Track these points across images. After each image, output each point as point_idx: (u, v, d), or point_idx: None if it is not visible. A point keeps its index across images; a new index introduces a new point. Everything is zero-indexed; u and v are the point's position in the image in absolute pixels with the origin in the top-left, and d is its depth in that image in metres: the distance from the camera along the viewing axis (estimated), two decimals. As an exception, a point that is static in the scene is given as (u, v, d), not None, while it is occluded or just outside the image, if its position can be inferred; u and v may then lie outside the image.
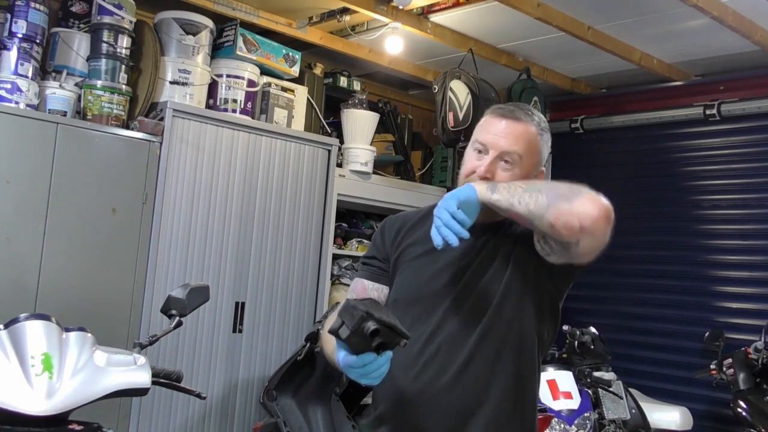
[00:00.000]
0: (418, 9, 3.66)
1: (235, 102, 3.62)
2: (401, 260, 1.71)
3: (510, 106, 1.67)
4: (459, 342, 1.57)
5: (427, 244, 1.65)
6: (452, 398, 1.55)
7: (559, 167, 5.13)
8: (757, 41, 3.69)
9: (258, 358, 3.59)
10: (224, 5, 3.52)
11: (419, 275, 1.66)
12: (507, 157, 1.60)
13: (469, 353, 1.56)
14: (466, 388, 1.55)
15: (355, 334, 1.31)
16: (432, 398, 1.56)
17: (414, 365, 1.58)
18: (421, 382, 1.57)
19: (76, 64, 3.27)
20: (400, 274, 1.70)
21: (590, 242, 1.45)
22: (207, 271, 3.42)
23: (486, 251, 1.63)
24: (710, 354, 4.01)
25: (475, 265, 1.61)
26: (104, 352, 1.72)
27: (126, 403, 3.07)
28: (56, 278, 2.93)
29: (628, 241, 4.70)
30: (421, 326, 1.60)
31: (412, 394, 1.57)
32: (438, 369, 1.56)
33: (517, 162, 1.59)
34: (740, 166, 4.28)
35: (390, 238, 1.75)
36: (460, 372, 1.55)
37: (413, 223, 1.76)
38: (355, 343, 1.34)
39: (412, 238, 1.72)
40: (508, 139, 1.60)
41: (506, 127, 1.61)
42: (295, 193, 3.77)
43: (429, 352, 1.58)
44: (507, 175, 1.59)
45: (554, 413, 3.33)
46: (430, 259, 1.65)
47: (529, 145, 1.61)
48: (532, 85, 4.44)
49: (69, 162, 2.99)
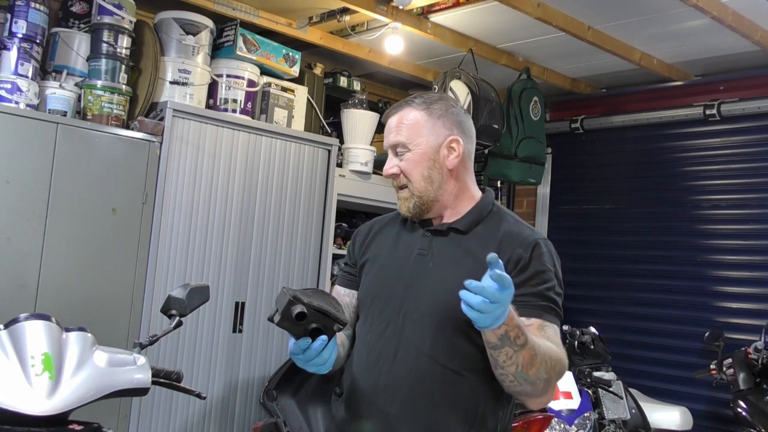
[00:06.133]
0: (418, 9, 3.67)
1: (235, 102, 3.62)
2: (366, 262, 1.78)
3: (396, 104, 1.75)
4: (415, 338, 1.61)
5: (390, 246, 1.75)
6: (407, 389, 1.59)
7: (559, 167, 5.15)
8: (757, 41, 3.69)
9: (258, 358, 3.59)
10: (224, 5, 3.53)
11: (380, 275, 1.72)
12: (397, 149, 1.69)
13: (423, 348, 1.59)
14: (420, 379, 1.59)
15: (285, 318, 1.36)
16: (389, 387, 1.60)
17: (374, 359, 1.64)
18: (377, 371, 1.63)
19: (76, 64, 3.27)
20: (365, 276, 1.76)
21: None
22: (207, 271, 3.42)
23: (444, 251, 1.67)
24: (710, 354, 4.01)
25: (432, 265, 1.65)
26: (104, 352, 1.72)
27: (126, 403, 3.07)
28: (56, 278, 2.93)
29: (627, 242, 4.71)
30: (380, 324, 1.66)
31: (371, 383, 1.63)
32: (393, 362, 1.61)
33: (406, 147, 1.68)
34: (740, 166, 4.28)
35: (359, 243, 1.83)
36: (414, 365, 1.60)
37: (381, 226, 1.83)
38: (289, 329, 1.39)
39: (377, 242, 1.79)
40: (391, 133, 1.70)
41: (390, 124, 1.72)
42: (295, 193, 3.77)
43: (386, 348, 1.63)
44: (403, 163, 1.68)
45: (554, 413, 3.33)
46: (391, 259, 1.72)
47: (412, 128, 1.68)
48: (532, 85, 4.45)
49: (69, 162, 2.99)
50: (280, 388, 3.33)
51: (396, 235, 1.76)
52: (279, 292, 1.40)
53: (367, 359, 1.66)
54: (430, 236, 1.69)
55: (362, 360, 1.67)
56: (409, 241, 1.72)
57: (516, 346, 1.41)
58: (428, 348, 1.58)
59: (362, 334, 1.70)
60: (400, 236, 1.75)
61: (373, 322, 1.67)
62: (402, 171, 1.68)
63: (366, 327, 1.69)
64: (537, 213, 5.21)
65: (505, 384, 1.51)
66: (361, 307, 1.74)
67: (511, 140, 4.37)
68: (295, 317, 1.36)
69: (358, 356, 1.68)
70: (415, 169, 1.67)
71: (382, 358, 1.62)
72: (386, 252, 1.74)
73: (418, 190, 1.67)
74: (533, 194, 5.27)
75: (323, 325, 1.39)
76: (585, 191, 4.99)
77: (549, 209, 5.19)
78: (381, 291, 1.69)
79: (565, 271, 1.68)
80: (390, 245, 1.75)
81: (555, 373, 1.50)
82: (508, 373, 1.46)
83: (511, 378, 1.47)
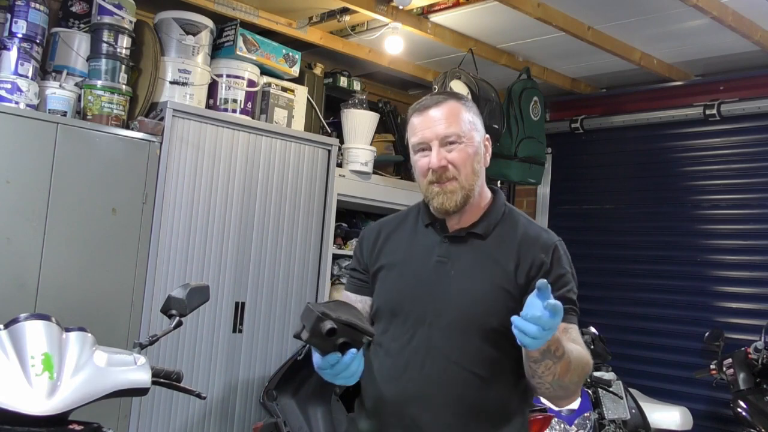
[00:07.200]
0: (418, 9, 3.66)
1: (235, 102, 3.62)
2: (380, 269, 1.73)
3: (425, 99, 1.70)
4: (443, 346, 1.59)
5: (405, 252, 1.70)
6: (438, 398, 1.58)
7: (559, 167, 5.15)
8: (757, 41, 3.69)
9: (258, 358, 3.59)
10: (224, 5, 3.52)
11: (399, 283, 1.68)
12: (449, 139, 1.63)
13: (452, 356, 1.58)
14: (450, 387, 1.58)
15: (314, 335, 1.35)
16: (420, 396, 1.59)
17: (400, 369, 1.61)
18: (405, 381, 1.60)
19: (76, 64, 3.27)
20: (381, 282, 1.72)
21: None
22: (207, 271, 3.42)
23: (465, 258, 1.64)
24: (710, 354, 4.01)
25: (455, 272, 1.63)
26: (104, 352, 1.72)
27: (126, 403, 3.07)
28: (56, 278, 2.93)
29: (627, 241, 4.71)
30: (405, 334, 1.63)
31: (399, 392, 1.61)
32: (421, 371, 1.59)
33: (460, 139, 1.63)
34: (740, 166, 4.28)
35: (368, 248, 1.77)
36: (443, 373, 1.58)
37: (390, 230, 1.78)
38: (318, 345, 1.38)
39: (390, 246, 1.74)
40: (440, 124, 1.64)
41: (434, 115, 1.65)
42: (295, 193, 3.77)
43: (413, 357, 1.60)
44: (454, 155, 1.62)
45: (554, 413, 3.33)
46: (408, 267, 1.68)
47: (464, 121, 1.65)
48: (532, 85, 4.44)
49: (69, 162, 2.99)
50: (280, 388, 3.33)
51: (410, 240, 1.72)
52: (304, 308, 1.38)
53: (392, 369, 1.63)
54: (449, 243, 1.66)
55: (386, 370, 1.64)
56: (426, 247, 1.68)
57: (555, 358, 1.45)
58: (457, 355, 1.58)
59: (384, 344, 1.66)
60: (415, 241, 1.71)
61: (396, 331, 1.64)
62: (452, 163, 1.62)
63: (389, 337, 1.65)
64: (537, 213, 5.21)
65: (541, 390, 1.53)
66: (380, 316, 1.70)
67: (511, 140, 4.37)
68: (326, 333, 1.34)
69: (381, 366, 1.65)
70: (467, 161, 1.63)
71: (410, 367, 1.60)
72: (402, 259, 1.70)
73: (468, 183, 1.64)
74: (533, 194, 5.27)
75: (352, 339, 1.38)
76: (585, 191, 4.99)
77: (549, 209, 5.18)
78: (402, 300, 1.66)
79: (566, 271, 1.69)
80: (405, 251, 1.71)
81: (584, 375, 1.55)
82: (545, 381, 1.49)
83: (548, 386, 1.50)
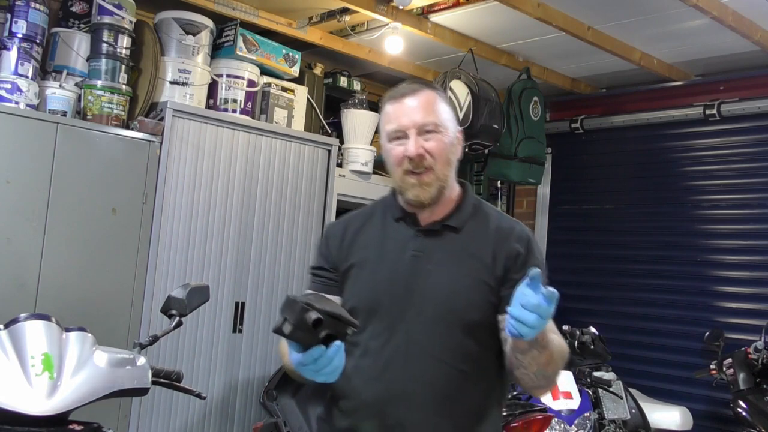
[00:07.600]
0: (418, 9, 3.66)
1: (235, 102, 3.62)
2: (351, 267, 1.67)
3: (400, 87, 1.66)
4: (424, 343, 1.57)
5: (377, 248, 1.65)
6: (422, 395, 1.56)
7: (559, 167, 5.15)
8: (757, 41, 3.69)
9: (258, 358, 3.59)
10: (224, 5, 3.52)
11: (374, 281, 1.63)
12: (427, 128, 1.59)
13: (434, 352, 1.56)
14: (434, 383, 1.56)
15: (299, 327, 1.28)
16: (403, 394, 1.56)
17: (381, 367, 1.58)
18: (387, 379, 1.57)
19: (76, 64, 3.27)
20: (353, 280, 1.66)
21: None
22: (207, 271, 3.42)
23: (441, 251, 1.61)
24: (710, 354, 4.00)
25: (431, 266, 1.60)
26: (104, 352, 1.72)
27: (126, 403, 3.07)
28: (56, 278, 2.93)
29: (627, 241, 4.71)
30: (384, 332, 1.59)
31: (381, 391, 1.57)
32: (404, 369, 1.56)
33: (437, 128, 1.59)
34: (740, 166, 4.28)
35: (335, 246, 1.71)
36: (426, 369, 1.56)
37: (358, 226, 1.72)
38: (301, 338, 1.30)
39: (360, 243, 1.69)
40: (418, 112, 1.59)
41: (410, 103, 1.61)
42: (295, 193, 3.77)
43: (394, 355, 1.57)
44: (432, 144, 1.58)
45: (554, 413, 3.33)
46: (383, 264, 1.63)
47: (442, 110, 1.62)
48: (532, 85, 4.45)
49: (69, 162, 2.99)
50: (280, 388, 3.33)
51: (380, 236, 1.67)
52: (284, 300, 1.31)
53: (371, 369, 1.58)
54: (423, 236, 1.62)
55: (365, 370, 1.59)
56: (399, 242, 1.63)
57: (540, 348, 1.44)
58: (439, 351, 1.56)
59: (361, 343, 1.60)
60: (386, 237, 1.66)
61: (374, 329, 1.59)
62: (429, 152, 1.57)
63: (366, 335, 1.59)
64: (537, 213, 5.21)
65: (524, 381, 1.52)
66: (355, 315, 1.60)
67: (511, 140, 4.37)
68: (312, 324, 1.27)
69: (358, 366, 1.59)
70: (444, 151, 1.59)
71: (392, 365, 1.57)
72: (374, 255, 1.64)
73: (444, 174, 1.60)
74: (533, 194, 5.27)
75: (336, 330, 1.31)
76: (585, 191, 4.98)
77: (549, 209, 5.18)
78: (379, 297, 1.61)
79: (564, 271, 1.71)
80: (376, 247, 1.65)
81: (563, 364, 1.53)
82: (530, 372, 1.48)
83: (531, 377, 1.49)
